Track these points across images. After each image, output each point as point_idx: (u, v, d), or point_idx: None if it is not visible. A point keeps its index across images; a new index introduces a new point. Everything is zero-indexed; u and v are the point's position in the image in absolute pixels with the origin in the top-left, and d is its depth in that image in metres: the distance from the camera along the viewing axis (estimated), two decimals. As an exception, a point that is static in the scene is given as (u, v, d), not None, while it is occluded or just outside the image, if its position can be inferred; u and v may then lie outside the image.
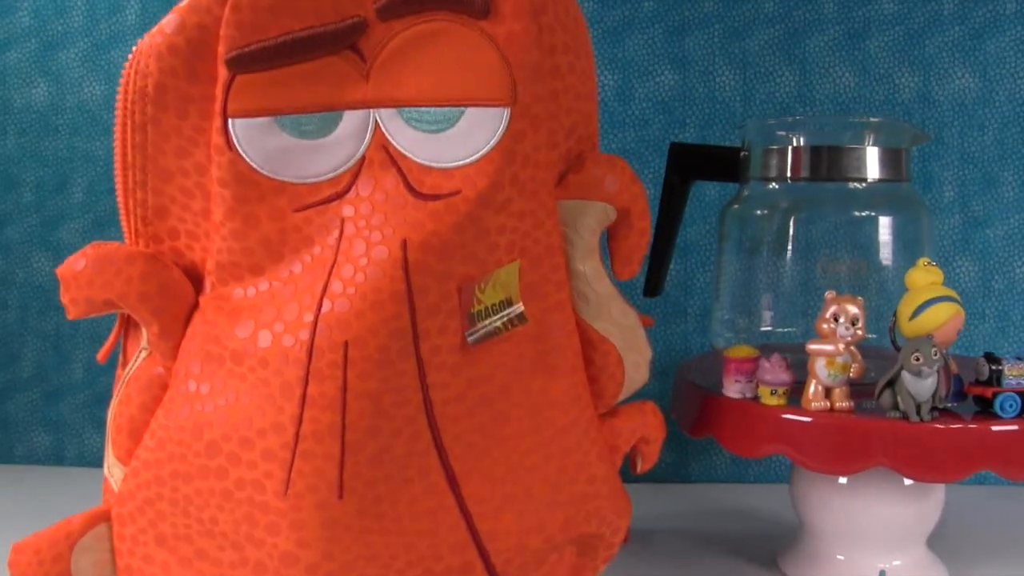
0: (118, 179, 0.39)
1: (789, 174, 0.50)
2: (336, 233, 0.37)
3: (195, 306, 0.39)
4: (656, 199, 0.54)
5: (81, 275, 0.38)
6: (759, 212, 0.51)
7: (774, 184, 0.51)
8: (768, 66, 0.64)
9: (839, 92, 0.64)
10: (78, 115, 0.66)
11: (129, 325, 0.42)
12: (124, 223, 0.40)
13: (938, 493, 0.48)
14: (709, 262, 0.65)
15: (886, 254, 0.50)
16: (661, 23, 0.64)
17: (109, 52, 0.66)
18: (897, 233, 0.50)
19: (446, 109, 0.36)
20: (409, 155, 0.36)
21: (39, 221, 0.67)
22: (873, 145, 0.49)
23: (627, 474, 0.44)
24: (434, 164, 0.36)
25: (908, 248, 0.50)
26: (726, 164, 0.53)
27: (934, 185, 0.64)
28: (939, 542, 0.51)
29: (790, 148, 0.50)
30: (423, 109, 0.36)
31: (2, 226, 0.67)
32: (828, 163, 0.49)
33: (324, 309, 0.36)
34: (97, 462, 0.67)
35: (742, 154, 0.52)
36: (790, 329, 0.52)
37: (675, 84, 0.64)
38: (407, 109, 0.36)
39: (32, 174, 0.67)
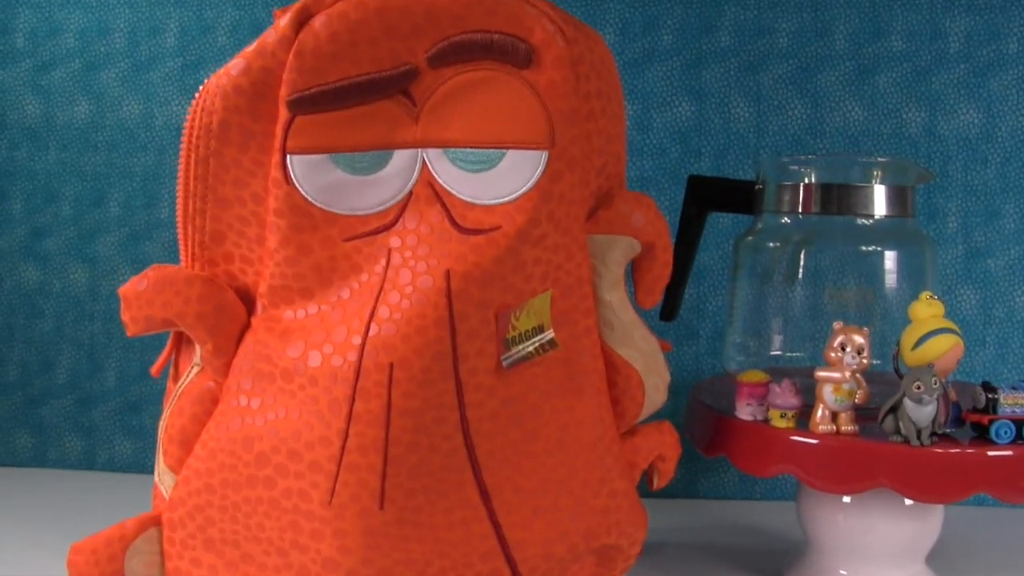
0: (179, 206, 0.42)
1: (801, 209, 0.53)
2: (383, 262, 0.40)
3: (247, 326, 0.42)
4: (672, 227, 0.57)
5: (142, 295, 0.41)
6: (772, 244, 0.54)
7: (786, 218, 0.54)
8: (781, 99, 0.67)
9: (849, 125, 0.67)
10: (117, 132, 0.70)
11: (181, 342, 0.45)
12: (182, 247, 0.43)
13: (937, 513, 0.51)
14: (721, 287, 0.68)
15: (891, 285, 0.53)
16: (679, 56, 0.67)
17: (148, 73, 0.69)
18: (902, 266, 0.53)
19: (489, 151, 0.39)
20: (453, 192, 0.40)
21: (76, 234, 0.70)
22: (880, 183, 0.52)
23: (642, 489, 0.47)
24: (476, 201, 0.40)
25: (912, 280, 0.53)
26: (741, 197, 0.56)
27: (938, 216, 0.67)
28: (937, 560, 0.54)
29: (802, 184, 0.53)
30: (468, 150, 0.39)
31: (41, 238, 0.70)
32: (838, 199, 0.52)
33: (371, 332, 0.39)
34: (126, 467, 0.71)
35: (756, 188, 0.55)
36: (798, 354, 0.55)
37: (692, 115, 0.68)
38: (453, 150, 0.40)
39: (71, 188, 0.70)
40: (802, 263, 0.54)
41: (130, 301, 0.42)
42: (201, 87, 0.40)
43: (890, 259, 0.53)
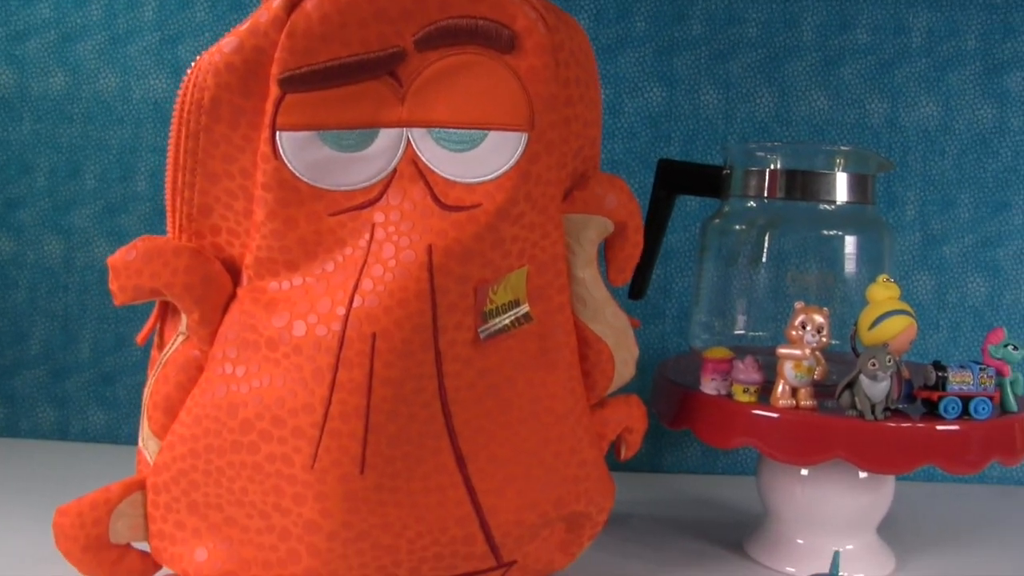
0: (168, 178, 0.43)
1: (766, 194, 0.56)
2: (367, 236, 0.42)
3: (232, 296, 0.44)
4: (642, 208, 0.60)
5: (131, 265, 0.43)
6: (738, 227, 0.57)
7: (752, 202, 0.57)
8: (749, 87, 0.70)
9: (814, 115, 0.70)
10: (93, 105, 0.70)
11: (166, 311, 0.46)
12: (169, 218, 0.44)
13: (888, 485, 0.54)
14: (687, 268, 0.71)
15: (850, 269, 0.56)
16: (652, 43, 0.70)
17: (125, 46, 0.70)
18: (861, 251, 0.56)
19: (471, 131, 0.41)
20: (436, 170, 0.42)
21: (51, 205, 0.71)
22: (842, 171, 0.55)
23: (609, 462, 0.49)
24: (458, 179, 0.42)
25: (870, 264, 0.56)
26: (709, 181, 0.58)
27: (897, 204, 0.71)
28: (887, 530, 0.57)
29: (768, 171, 0.56)
30: (451, 130, 0.41)
31: (15, 209, 0.71)
32: (802, 186, 0.55)
33: (355, 304, 0.41)
34: (100, 438, 0.72)
35: (724, 173, 0.58)
36: (762, 333, 0.58)
37: (662, 101, 0.70)
38: (437, 130, 0.42)
39: (46, 159, 0.71)
40: (766, 246, 0.56)
41: (119, 271, 0.43)
42: (193, 63, 0.41)
43: (850, 244, 0.56)
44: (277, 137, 0.41)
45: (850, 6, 0.70)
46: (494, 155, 0.41)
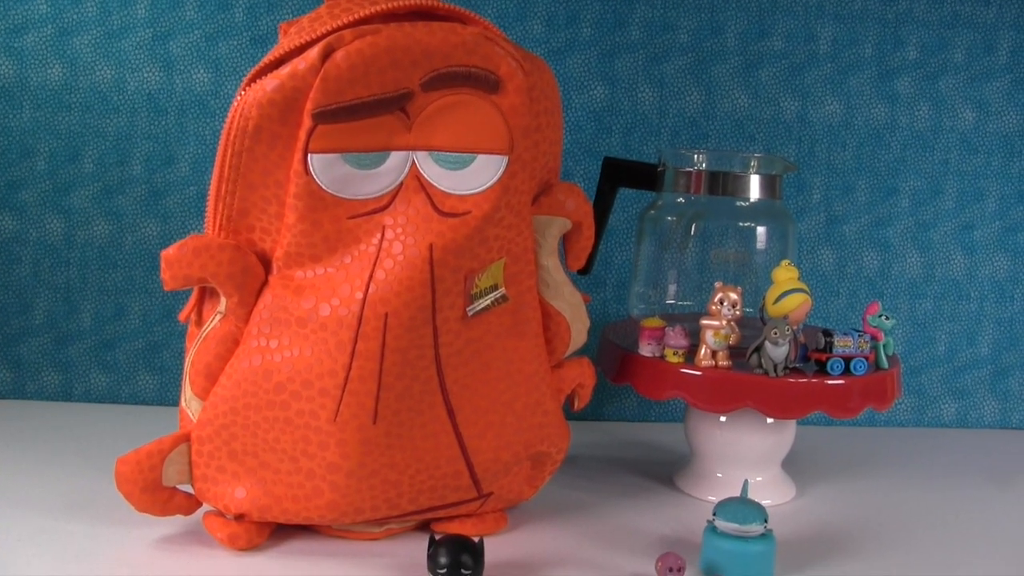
0: (212, 186, 0.56)
1: (693, 190, 0.70)
2: (379, 236, 0.55)
3: (265, 283, 0.57)
4: (588, 194, 0.73)
5: (183, 258, 0.55)
6: (670, 218, 0.72)
7: (681, 197, 0.71)
8: (680, 87, 0.84)
9: (736, 111, 0.85)
10: (90, 95, 0.81)
11: (204, 294, 0.59)
12: (210, 219, 0.56)
13: (790, 428, 0.68)
14: (624, 244, 0.85)
15: (761, 252, 0.71)
16: (596, 47, 0.83)
17: (120, 41, 0.80)
18: (770, 238, 0.70)
19: (464, 155, 0.55)
20: (435, 184, 0.55)
21: (52, 187, 0.81)
22: (755, 173, 0.69)
23: (564, 410, 0.64)
24: (453, 191, 0.55)
25: (777, 249, 0.71)
26: (646, 177, 0.72)
27: (805, 189, 0.86)
28: (790, 465, 0.72)
29: (695, 171, 0.70)
30: (448, 153, 0.55)
31: (17, 190, 0.81)
32: (722, 184, 0.69)
33: (371, 290, 0.54)
34: (101, 399, 0.83)
35: (659, 170, 0.73)
36: (688, 302, 0.73)
37: (605, 98, 0.84)
38: (436, 152, 0.55)
39: (46, 145, 0.81)
40: (693, 234, 0.71)
41: (171, 263, 0.55)
42: (239, 96, 0.53)
43: (761, 233, 0.70)
44: (309, 158, 0.53)
45: (768, 17, 0.84)
46: (481, 173, 0.55)
